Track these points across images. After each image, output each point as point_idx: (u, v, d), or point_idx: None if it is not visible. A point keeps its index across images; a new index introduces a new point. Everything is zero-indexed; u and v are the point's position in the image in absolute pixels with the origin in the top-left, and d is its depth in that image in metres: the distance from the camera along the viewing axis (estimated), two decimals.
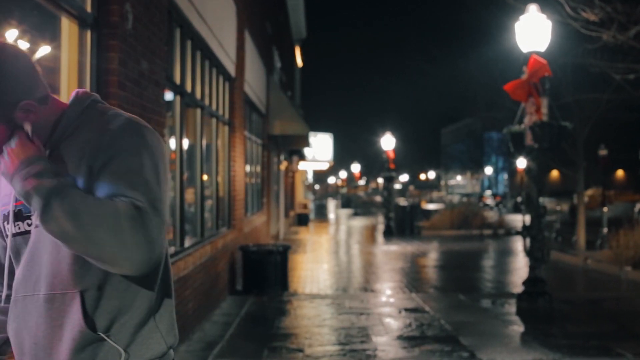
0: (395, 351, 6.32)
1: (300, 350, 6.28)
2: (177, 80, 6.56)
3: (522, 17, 8.77)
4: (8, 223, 1.60)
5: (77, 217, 1.36)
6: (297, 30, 29.28)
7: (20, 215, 1.58)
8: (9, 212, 1.59)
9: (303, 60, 35.77)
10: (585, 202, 19.60)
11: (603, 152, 24.61)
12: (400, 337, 6.86)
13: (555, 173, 50.60)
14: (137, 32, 4.50)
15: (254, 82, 12.64)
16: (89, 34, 3.91)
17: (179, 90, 6.57)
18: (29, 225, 1.57)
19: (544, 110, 8.41)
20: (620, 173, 53.61)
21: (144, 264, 1.39)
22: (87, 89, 3.85)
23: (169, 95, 6.15)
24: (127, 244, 1.36)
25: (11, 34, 5.16)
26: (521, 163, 31.49)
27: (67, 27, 3.85)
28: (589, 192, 35.28)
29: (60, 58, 3.89)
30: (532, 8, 8.77)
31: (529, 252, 8.69)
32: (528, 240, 8.73)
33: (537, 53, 8.60)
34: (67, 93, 3.84)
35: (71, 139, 1.53)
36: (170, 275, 1.62)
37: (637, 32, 9.61)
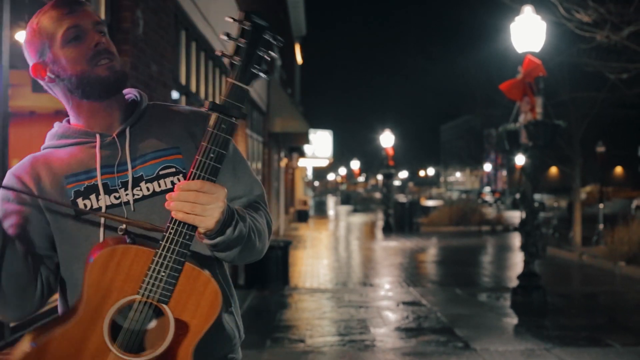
0: (393, 342, 6.56)
1: (302, 341, 6.53)
2: (183, 81, 6.78)
3: (517, 18, 8.97)
4: (84, 198, 1.49)
5: (262, 237, 1.54)
6: (297, 28, 29.43)
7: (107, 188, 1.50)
8: (84, 187, 1.49)
9: (303, 57, 35.93)
10: (583, 199, 19.82)
11: (601, 148, 24.81)
12: (398, 329, 7.11)
13: (554, 170, 50.80)
14: (147, 36, 4.72)
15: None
16: None
17: (184, 90, 6.80)
18: (117, 198, 1.49)
19: (539, 109, 8.61)
20: (618, 170, 53.84)
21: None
22: None
23: (175, 96, 6.38)
24: (266, 245, 1.60)
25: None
26: (519, 160, 31.70)
27: None
28: (588, 188, 35.51)
29: None
30: (527, 9, 8.97)
31: (523, 247, 8.92)
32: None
33: (533, 53, 8.80)
34: None
35: (146, 123, 1.56)
36: None
37: (630, 33, 9.82)
